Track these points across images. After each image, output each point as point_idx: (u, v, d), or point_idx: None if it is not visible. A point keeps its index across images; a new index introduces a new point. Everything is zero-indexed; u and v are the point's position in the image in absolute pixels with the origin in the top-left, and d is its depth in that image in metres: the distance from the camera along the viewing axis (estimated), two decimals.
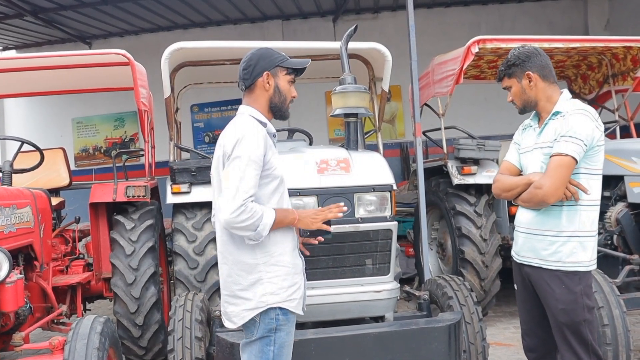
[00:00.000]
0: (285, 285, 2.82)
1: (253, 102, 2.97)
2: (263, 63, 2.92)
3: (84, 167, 13.36)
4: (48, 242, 4.96)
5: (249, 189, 2.68)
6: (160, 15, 12.06)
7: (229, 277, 2.85)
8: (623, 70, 6.78)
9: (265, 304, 2.77)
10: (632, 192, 4.97)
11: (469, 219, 6.20)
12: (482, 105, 12.24)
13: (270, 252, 2.81)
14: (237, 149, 2.73)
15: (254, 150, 2.73)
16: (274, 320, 2.78)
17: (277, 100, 2.97)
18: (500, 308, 6.85)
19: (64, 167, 6.60)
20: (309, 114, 12.58)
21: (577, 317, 3.03)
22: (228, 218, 2.66)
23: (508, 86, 3.30)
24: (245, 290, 2.79)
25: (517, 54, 3.24)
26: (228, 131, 2.88)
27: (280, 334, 2.80)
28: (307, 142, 5.64)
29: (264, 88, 2.93)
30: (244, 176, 2.69)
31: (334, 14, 12.77)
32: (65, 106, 13.02)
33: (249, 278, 2.79)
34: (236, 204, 2.64)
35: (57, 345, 3.45)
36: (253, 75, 2.92)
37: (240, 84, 2.99)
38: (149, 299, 5.01)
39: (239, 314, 2.81)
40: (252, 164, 2.71)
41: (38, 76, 5.86)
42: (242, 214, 2.64)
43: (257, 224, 2.68)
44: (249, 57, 2.95)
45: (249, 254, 2.79)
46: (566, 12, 13.00)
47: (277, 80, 2.95)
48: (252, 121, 2.87)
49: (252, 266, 2.79)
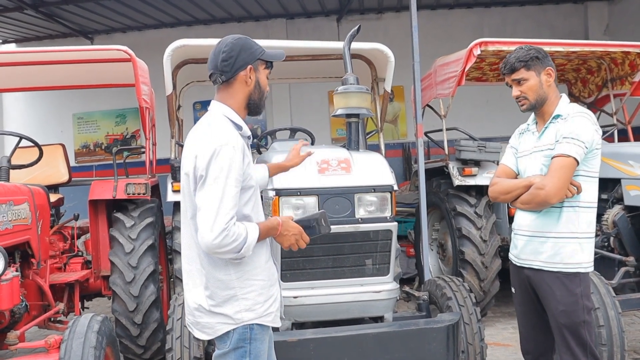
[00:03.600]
0: (261, 300, 2.65)
1: (229, 97, 2.72)
2: (245, 55, 2.68)
3: (84, 163, 13.35)
4: (46, 239, 4.92)
5: (229, 209, 2.46)
6: (164, 11, 12.05)
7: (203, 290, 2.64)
8: (621, 75, 6.84)
9: (241, 320, 2.60)
10: (628, 195, 5.02)
11: (469, 220, 6.22)
12: (483, 107, 12.26)
13: (243, 267, 2.61)
14: (213, 166, 2.47)
15: (233, 166, 2.49)
16: (248, 330, 2.62)
17: (256, 96, 2.75)
18: (499, 309, 6.86)
19: (63, 163, 6.57)
20: (311, 114, 12.61)
21: (577, 319, 3.04)
22: (210, 244, 2.44)
23: (523, 78, 3.17)
24: (219, 306, 2.61)
25: (537, 49, 3.18)
26: (201, 137, 2.60)
27: (255, 344, 2.63)
28: (309, 142, 5.62)
29: (245, 83, 2.70)
30: (224, 196, 2.45)
31: (338, 13, 12.77)
32: (66, 101, 12.98)
33: (222, 294, 2.60)
34: (218, 229, 2.41)
35: (53, 344, 3.41)
36: (235, 68, 2.66)
37: (216, 76, 2.69)
38: (148, 298, 4.98)
39: (213, 326, 2.64)
40: (232, 180, 2.48)
41: (38, 71, 5.81)
42: (225, 239, 2.43)
43: (241, 247, 2.48)
44: (229, 47, 2.67)
45: (222, 270, 2.60)
46: (567, 16, 13.07)
47: (258, 75, 2.73)
48: (228, 125, 2.64)
49: (226, 282, 2.60)
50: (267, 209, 3.75)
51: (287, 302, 3.61)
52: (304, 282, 3.67)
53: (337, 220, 3.60)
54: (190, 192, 2.62)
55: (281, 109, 13.04)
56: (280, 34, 12.83)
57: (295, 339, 3.40)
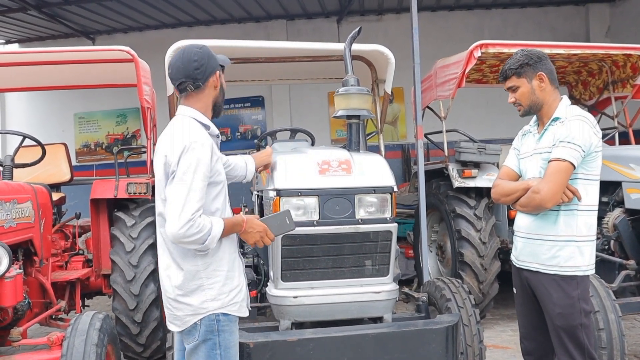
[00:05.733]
0: (226, 290, 2.80)
1: (196, 102, 2.88)
2: (213, 62, 2.88)
3: (85, 162, 13.38)
4: (48, 237, 4.97)
5: (196, 202, 2.62)
6: (165, 12, 12.08)
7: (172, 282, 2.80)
8: (623, 78, 6.82)
9: (206, 310, 2.75)
10: (629, 198, 5.00)
11: (469, 221, 6.23)
12: (483, 109, 12.27)
13: (209, 258, 2.77)
14: (183, 161, 2.65)
15: (201, 161, 2.67)
16: (214, 322, 2.76)
17: (220, 99, 2.96)
18: (498, 311, 6.87)
19: (65, 162, 6.60)
20: (311, 115, 12.62)
21: (574, 321, 3.05)
22: (176, 233, 2.60)
23: (515, 86, 3.24)
24: (186, 296, 2.76)
25: (528, 54, 3.20)
26: (171, 137, 2.76)
27: (224, 336, 2.77)
28: (309, 143, 5.64)
29: (214, 87, 2.91)
30: (192, 189, 2.63)
31: (339, 15, 12.79)
32: (68, 101, 13.02)
33: (190, 285, 2.76)
34: (184, 219, 2.58)
35: (56, 341, 3.47)
36: (206, 74, 2.85)
37: (187, 84, 2.85)
38: (148, 296, 5.01)
39: (182, 318, 2.79)
40: (200, 175, 2.66)
41: (41, 71, 5.85)
42: (191, 229, 2.59)
43: (205, 238, 2.65)
44: (199, 56, 2.84)
45: (190, 261, 2.76)
46: (568, 18, 13.05)
47: (221, 79, 2.96)
48: (196, 125, 2.81)
49: (193, 273, 2.76)
50: (268, 209, 3.77)
51: (286, 302, 3.65)
52: (303, 282, 3.68)
53: (337, 220, 3.62)
54: (160, 191, 2.81)
55: (281, 110, 13.07)
56: (280, 35, 12.86)
57: (295, 339, 3.42)
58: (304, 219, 3.59)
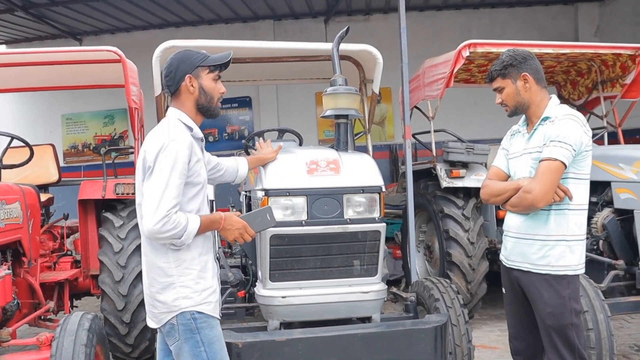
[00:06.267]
0: (199, 289, 2.80)
1: (180, 105, 2.94)
2: (183, 67, 2.90)
3: (72, 163, 13.31)
4: (36, 238, 4.96)
5: (172, 198, 2.65)
6: (152, 12, 12.04)
7: (148, 279, 2.85)
8: (612, 77, 6.80)
9: (179, 307, 2.76)
10: (618, 198, 5.01)
11: (457, 222, 6.24)
12: (471, 109, 12.30)
13: (181, 256, 2.78)
14: (161, 158, 2.69)
15: (179, 159, 2.70)
16: (191, 320, 2.76)
17: (203, 101, 2.94)
18: (486, 311, 6.90)
19: (53, 163, 6.57)
20: (298, 115, 12.61)
21: (564, 321, 3.06)
22: (152, 229, 2.63)
23: (500, 87, 3.26)
24: (159, 293, 2.79)
25: (513, 55, 3.22)
26: (152, 137, 2.82)
27: (204, 332, 2.78)
28: (297, 143, 5.64)
29: (189, 91, 2.91)
30: (168, 186, 2.66)
31: (326, 15, 12.79)
32: (55, 102, 12.95)
33: (162, 281, 2.78)
34: (159, 215, 2.61)
35: (45, 341, 3.47)
36: (176, 80, 2.90)
37: (165, 90, 2.98)
38: (137, 297, 4.98)
39: (157, 315, 2.82)
40: (176, 173, 2.69)
41: (28, 72, 5.81)
42: (166, 225, 2.62)
43: (181, 234, 2.68)
44: (169, 63, 2.92)
45: (162, 257, 2.78)
46: (556, 18, 13.07)
47: (201, 81, 2.92)
48: (179, 126, 2.85)
49: (165, 270, 2.78)
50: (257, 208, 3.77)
51: (275, 302, 3.66)
52: (292, 282, 3.68)
53: (325, 220, 3.63)
54: (139, 185, 2.83)
55: (268, 110, 13.05)
56: (267, 35, 12.84)
57: (283, 339, 3.43)
58: (292, 218, 3.59)
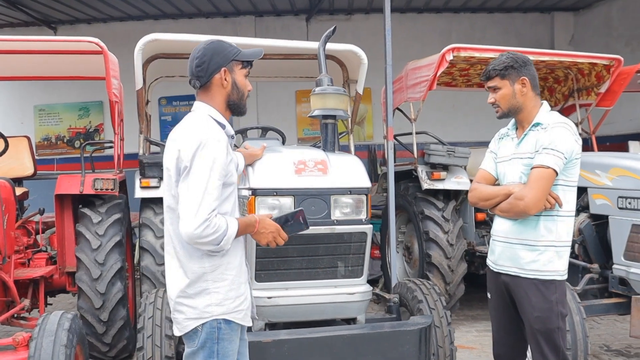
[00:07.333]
0: (232, 296, 2.69)
1: (210, 100, 2.78)
2: (217, 59, 2.73)
3: (45, 156, 12.99)
4: (11, 233, 4.81)
5: (212, 201, 2.52)
6: (131, 3, 11.82)
7: (177, 283, 2.69)
8: (587, 86, 6.94)
9: (210, 314, 2.64)
10: (594, 204, 5.09)
11: (437, 223, 6.29)
12: (449, 112, 12.36)
13: (218, 261, 2.66)
14: (199, 157, 2.54)
15: (217, 158, 2.56)
16: (216, 329, 2.64)
17: (235, 97, 2.81)
18: (463, 312, 6.95)
19: (28, 156, 6.44)
20: (278, 113, 12.55)
21: (551, 325, 3.09)
22: (192, 233, 2.49)
23: (497, 87, 3.24)
24: (190, 298, 2.65)
25: (514, 57, 3.22)
26: (186, 132, 2.66)
27: (223, 344, 2.66)
28: (280, 141, 5.60)
29: (222, 85, 2.76)
30: (208, 188, 2.51)
31: (308, 13, 12.74)
32: (27, 93, 12.63)
33: (195, 287, 2.65)
34: (200, 219, 2.47)
35: (22, 341, 3.36)
36: (209, 72, 2.73)
37: (193, 81, 2.78)
38: (115, 295, 4.91)
39: (182, 322, 2.68)
40: (215, 173, 2.55)
41: (2, 60, 5.66)
42: (207, 229, 2.49)
43: (221, 239, 2.55)
44: (201, 53, 2.74)
45: (197, 262, 2.64)
46: (533, 25, 13.28)
47: (234, 76, 2.79)
48: (211, 123, 2.71)
49: (199, 275, 2.64)
50: (242, 208, 3.72)
51: (260, 302, 3.60)
52: (278, 283, 3.65)
53: (312, 221, 3.57)
54: (170, 186, 2.67)
55: (248, 108, 12.88)
56: (248, 31, 12.73)
57: (269, 340, 3.39)
58: None
